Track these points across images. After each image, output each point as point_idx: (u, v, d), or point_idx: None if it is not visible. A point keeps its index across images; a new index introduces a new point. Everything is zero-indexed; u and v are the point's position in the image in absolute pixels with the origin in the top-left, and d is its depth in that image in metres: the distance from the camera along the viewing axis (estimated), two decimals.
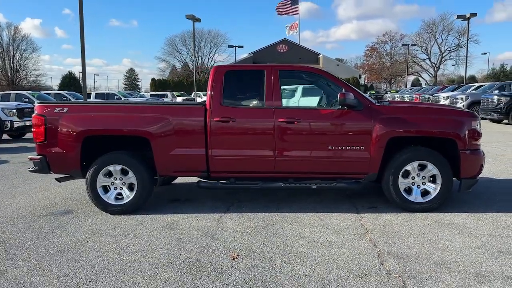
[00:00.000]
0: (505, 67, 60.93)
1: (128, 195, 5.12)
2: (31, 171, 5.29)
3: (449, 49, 63.33)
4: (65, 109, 5.09)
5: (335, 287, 3.14)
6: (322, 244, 4.02)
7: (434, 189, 4.97)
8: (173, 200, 5.75)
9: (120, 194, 5.16)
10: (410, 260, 3.61)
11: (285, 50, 61.32)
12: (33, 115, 5.21)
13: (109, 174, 5.12)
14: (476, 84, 25.39)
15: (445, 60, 64.07)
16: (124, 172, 5.11)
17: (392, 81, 72.14)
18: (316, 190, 5.98)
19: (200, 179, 5.35)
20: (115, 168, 5.08)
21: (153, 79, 56.87)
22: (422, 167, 4.97)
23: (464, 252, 3.78)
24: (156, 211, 5.20)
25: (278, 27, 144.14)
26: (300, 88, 9.11)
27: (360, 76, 68.25)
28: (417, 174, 4.99)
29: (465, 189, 5.07)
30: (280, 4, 63.79)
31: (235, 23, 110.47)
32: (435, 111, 5.37)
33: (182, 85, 54.72)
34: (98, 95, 28.03)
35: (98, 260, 3.71)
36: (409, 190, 5.03)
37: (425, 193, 5.02)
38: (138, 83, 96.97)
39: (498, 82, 24.45)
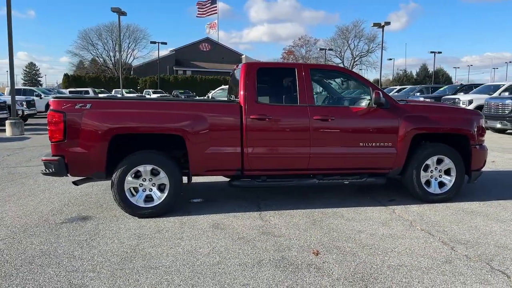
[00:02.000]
0: (407, 73, 67.40)
1: (159, 197, 4.83)
2: (44, 174, 4.73)
3: (360, 54, 68.23)
4: (88, 105, 4.64)
5: (437, 273, 3.33)
6: (384, 236, 4.21)
7: (449, 181, 5.44)
8: (189, 201, 5.51)
9: (149, 196, 4.84)
10: (474, 245, 3.95)
11: (208, 49, 61.09)
12: (49, 111, 4.66)
13: (137, 175, 4.78)
14: (398, 87, 27.79)
15: (356, 64, 68.87)
16: (154, 173, 4.81)
17: None
18: (325, 186, 6.07)
19: (230, 178, 5.22)
20: (145, 168, 4.76)
21: (66, 75, 52.56)
22: (439, 161, 5.41)
23: (509, 235, 4.22)
24: (185, 213, 4.97)
25: (199, 25, 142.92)
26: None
27: None
28: (435, 168, 5.42)
29: (473, 181, 5.64)
30: (200, 7, 63.64)
31: (153, 18, 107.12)
32: (449, 110, 5.88)
33: (99, 82, 51.51)
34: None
35: (180, 265, 3.48)
36: (427, 183, 5.45)
37: (440, 185, 5.47)
38: (40, 78, 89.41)
39: (418, 85, 27.03)
